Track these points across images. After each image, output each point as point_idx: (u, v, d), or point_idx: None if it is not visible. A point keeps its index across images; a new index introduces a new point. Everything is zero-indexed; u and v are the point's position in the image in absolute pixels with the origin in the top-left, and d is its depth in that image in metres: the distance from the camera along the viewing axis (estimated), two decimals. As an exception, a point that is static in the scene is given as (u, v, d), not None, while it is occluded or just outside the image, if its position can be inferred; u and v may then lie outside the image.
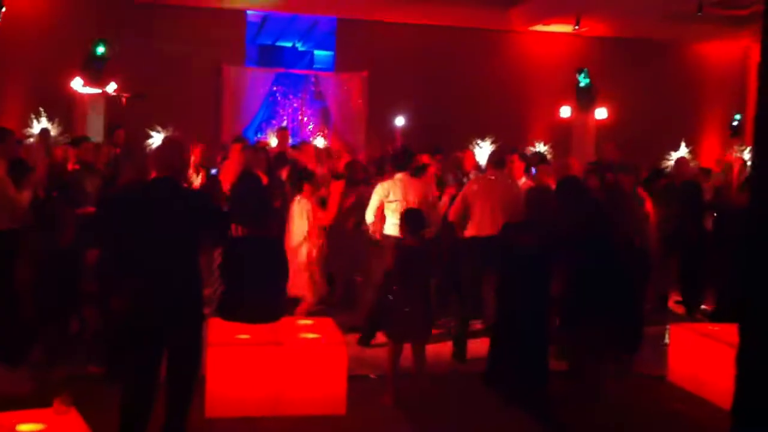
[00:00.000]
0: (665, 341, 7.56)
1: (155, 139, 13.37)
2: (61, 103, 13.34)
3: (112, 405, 4.75)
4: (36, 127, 13.33)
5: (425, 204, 7.43)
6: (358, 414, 5.85)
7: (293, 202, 7.90)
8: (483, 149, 14.66)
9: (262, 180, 8.21)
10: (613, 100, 14.96)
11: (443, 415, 6.05)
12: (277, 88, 16.04)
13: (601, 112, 14.49)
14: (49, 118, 13.60)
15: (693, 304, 9.48)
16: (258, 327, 6.13)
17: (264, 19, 16.81)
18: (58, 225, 6.91)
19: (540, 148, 15.03)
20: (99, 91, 12.80)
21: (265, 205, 6.91)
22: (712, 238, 8.95)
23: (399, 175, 7.67)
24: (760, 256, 3.05)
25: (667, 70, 16.84)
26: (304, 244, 7.68)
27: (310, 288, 7.73)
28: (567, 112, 14.72)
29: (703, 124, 17.34)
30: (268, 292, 6.36)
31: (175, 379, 4.83)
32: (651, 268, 8.52)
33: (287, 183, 8.47)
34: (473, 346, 7.53)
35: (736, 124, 17.02)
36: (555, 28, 15.99)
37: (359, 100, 15.73)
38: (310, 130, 16.20)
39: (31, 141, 12.58)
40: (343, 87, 15.82)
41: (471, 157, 10.05)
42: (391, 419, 5.90)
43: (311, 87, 16.27)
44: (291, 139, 14.17)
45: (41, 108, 13.67)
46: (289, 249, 7.70)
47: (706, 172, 10.53)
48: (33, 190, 7.62)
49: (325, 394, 5.81)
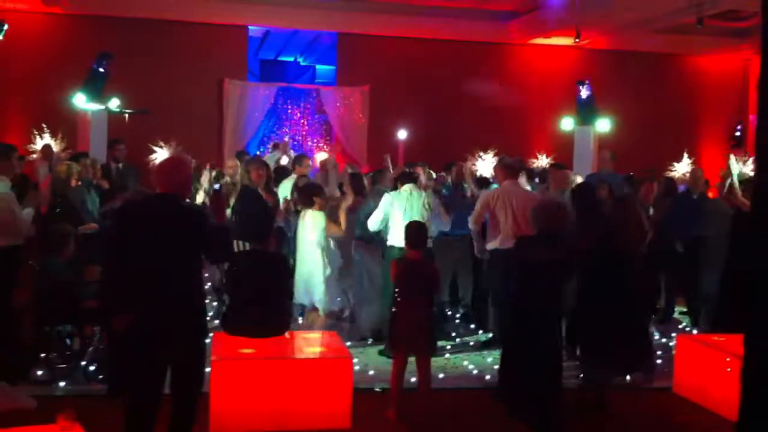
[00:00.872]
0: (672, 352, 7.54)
1: (158, 154, 13.39)
2: (64, 119, 13.37)
3: (115, 422, 4.73)
4: (39, 143, 13.35)
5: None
6: (363, 428, 5.83)
7: (302, 215, 7.93)
8: (485, 162, 14.67)
9: (263, 195, 8.23)
10: (615, 112, 14.97)
11: (448, 430, 6.03)
12: (279, 103, 16.07)
13: (602, 124, 14.50)
14: (51, 134, 13.63)
15: (698, 315, 9.45)
16: (262, 341, 6.12)
17: (266, 34, 16.88)
18: (60, 242, 6.91)
19: (542, 161, 15.04)
20: (101, 107, 12.82)
21: (265, 219, 6.92)
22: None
23: (406, 187, 7.74)
24: (763, 267, 3.05)
25: (668, 82, 16.87)
26: (321, 255, 7.70)
27: (325, 297, 7.75)
28: (568, 124, 14.73)
29: (704, 136, 17.35)
30: (271, 306, 6.36)
31: (178, 394, 4.81)
32: (655, 280, 8.53)
33: (295, 197, 8.47)
34: (478, 360, 7.52)
35: (737, 134, 17.04)
36: (555, 41, 16.04)
37: (360, 114, 15.77)
38: (313, 144, 16.22)
39: (33, 157, 12.61)
40: (344, 101, 15.86)
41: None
42: (396, 433, 5.89)
43: (313, 101, 16.30)
44: (291, 153, 14.21)
45: (44, 124, 13.70)
46: (300, 260, 7.73)
47: (705, 184, 10.53)
48: (35, 207, 7.64)
49: (330, 408, 5.79)
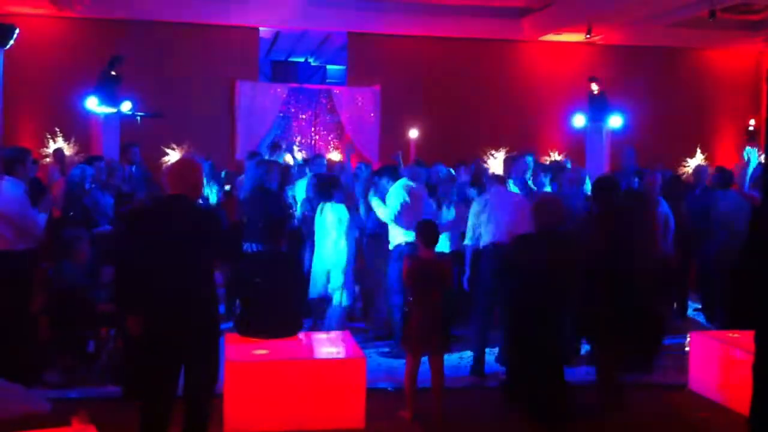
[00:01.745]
0: (685, 349, 7.50)
1: (170, 156, 13.43)
2: (77, 123, 13.43)
3: (130, 424, 4.75)
4: (51, 146, 13.42)
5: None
6: (377, 428, 5.83)
7: (320, 210, 7.94)
8: (497, 160, 14.63)
9: (275, 195, 8.24)
10: (627, 108, 14.90)
11: (462, 429, 6.02)
12: (290, 104, 16.09)
13: (614, 121, 14.43)
14: (64, 138, 13.69)
15: (712, 312, 9.40)
16: (275, 342, 6.14)
17: (276, 35, 16.89)
18: (74, 246, 6.95)
19: (555, 158, 14.98)
20: (114, 110, 12.87)
21: (277, 220, 6.93)
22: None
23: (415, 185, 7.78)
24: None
25: (680, 76, 16.77)
26: (343, 248, 7.72)
27: (344, 290, 7.76)
28: (580, 121, 14.67)
29: (717, 130, 17.24)
30: (283, 307, 6.37)
31: (192, 397, 4.83)
32: (671, 276, 8.47)
33: (314, 192, 8.47)
34: (491, 358, 7.50)
35: (751, 129, 16.92)
36: (566, 37, 15.97)
37: (372, 114, 15.76)
38: (324, 144, 16.23)
39: (47, 161, 12.67)
40: (355, 101, 15.84)
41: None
42: (410, 433, 5.88)
43: (324, 101, 16.30)
44: (304, 153, 14.23)
45: (57, 128, 13.77)
46: (319, 255, 7.76)
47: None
48: (49, 210, 7.68)
49: (344, 408, 5.80)
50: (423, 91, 15.58)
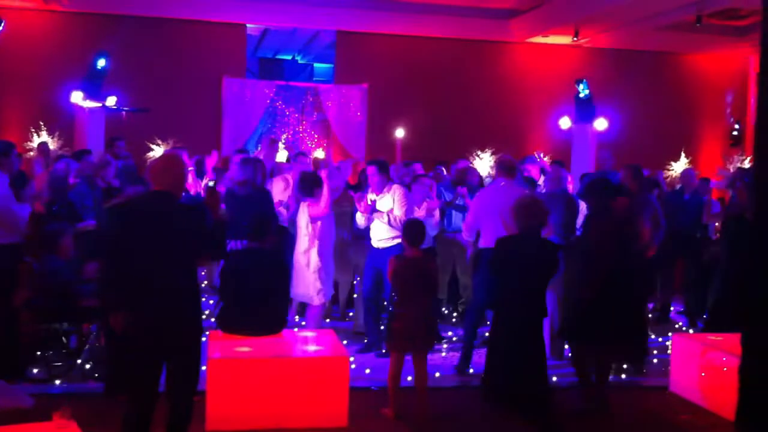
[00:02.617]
0: (668, 352, 7.55)
1: (156, 152, 13.38)
2: (62, 117, 13.36)
3: (112, 420, 4.73)
4: (36, 140, 13.34)
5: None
6: (360, 426, 5.83)
7: (302, 207, 7.89)
8: (483, 160, 14.66)
9: (261, 192, 8.21)
10: (613, 110, 14.96)
11: (445, 428, 6.03)
12: (277, 101, 16.06)
13: (600, 123, 14.50)
14: (49, 132, 13.62)
15: (695, 315, 9.47)
16: (259, 340, 6.13)
17: (264, 32, 16.86)
18: (57, 240, 6.90)
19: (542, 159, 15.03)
20: (99, 104, 12.81)
21: (262, 217, 6.90)
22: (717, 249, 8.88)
23: (395, 186, 7.76)
24: (762, 266, 3.05)
25: (666, 80, 16.85)
26: (312, 250, 7.65)
27: (316, 293, 7.70)
28: (566, 123, 14.72)
29: (702, 134, 17.34)
30: (267, 305, 6.36)
31: (175, 393, 4.81)
32: (654, 278, 8.52)
33: (297, 191, 8.43)
34: (478, 358, 7.52)
35: (736, 133, 17.03)
36: (554, 39, 16.02)
37: (359, 112, 15.75)
38: (311, 142, 16.21)
39: (31, 154, 12.59)
40: (342, 99, 15.83)
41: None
42: (393, 431, 5.88)
43: (311, 99, 16.28)
44: (288, 151, 14.19)
45: (41, 122, 13.69)
46: (297, 254, 7.71)
47: (705, 181, 10.52)
48: (32, 204, 7.62)
49: (327, 406, 5.79)
50: (410, 90, 15.59)
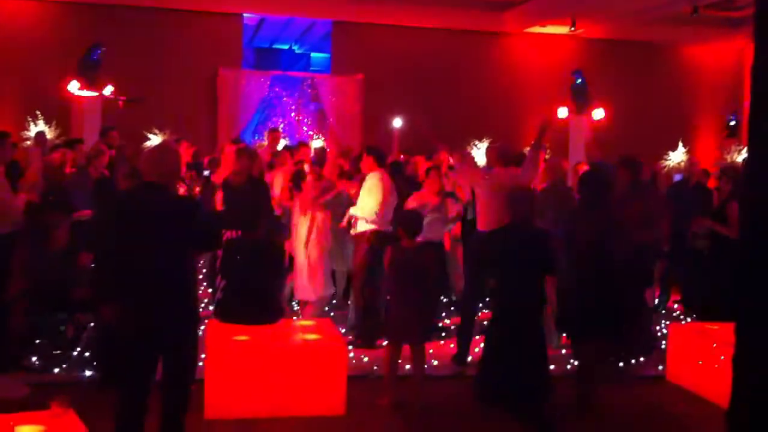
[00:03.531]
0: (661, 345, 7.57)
1: (152, 141, 13.36)
2: (58, 107, 13.32)
3: (108, 409, 4.73)
4: (32, 130, 13.30)
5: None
6: (357, 415, 5.84)
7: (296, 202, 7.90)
8: (480, 150, 14.66)
9: (260, 184, 8.21)
10: (609, 101, 14.97)
11: (441, 417, 6.04)
12: (274, 91, 16.02)
13: (597, 114, 14.50)
14: (45, 121, 13.58)
15: (693, 305, 9.47)
16: (257, 328, 6.13)
17: (260, 22, 16.81)
18: (52, 230, 6.88)
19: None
20: (95, 94, 12.77)
21: (257, 207, 6.90)
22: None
23: (372, 175, 7.68)
24: (755, 258, 3.06)
25: (662, 71, 16.86)
26: (307, 245, 7.66)
27: (312, 289, 7.71)
28: (563, 113, 14.72)
29: (699, 126, 17.36)
30: (264, 295, 6.36)
31: (170, 383, 4.80)
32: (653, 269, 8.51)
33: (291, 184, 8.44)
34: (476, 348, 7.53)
35: (732, 124, 17.05)
36: (550, 30, 16.01)
37: (355, 103, 15.73)
38: (307, 132, 16.19)
39: (27, 143, 12.56)
40: (339, 89, 15.81)
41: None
42: (390, 420, 5.90)
43: (307, 89, 16.25)
44: (287, 140, 14.18)
45: (38, 111, 13.65)
46: (295, 250, 7.71)
47: (705, 173, 10.50)
48: (27, 194, 7.60)
49: (325, 395, 5.80)
50: (406, 81, 15.57)
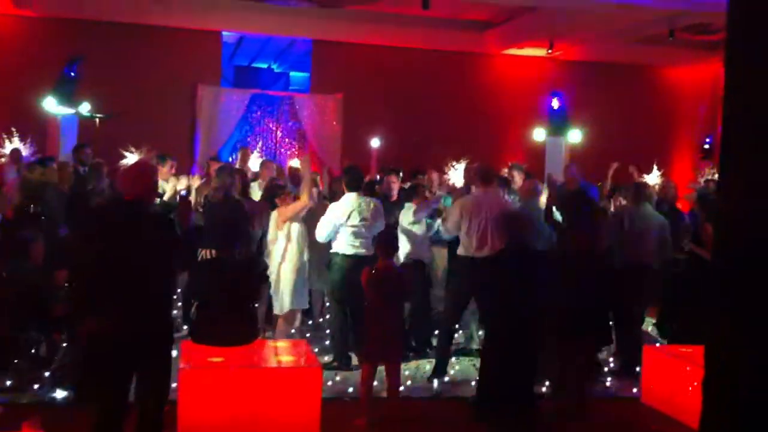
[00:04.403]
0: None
1: (129, 159, 13.27)
2: (34, 123, 13.20)
3: (82, 430, 4.68)
4: (8, 146, 13.18)
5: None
6: (333, 437, 5.82)
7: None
8: (458, 171, 14.69)
9: (235, 201, 8.19)
10: (586, 123, 15.09)
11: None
12: (253, 109, 16.01)
13: (574, 135, 14.61)
14: (21, 138, 13.46)
15: (668, 327, 9.52)
16: (231, 350, 6.09)
17: (240, 40, 16.82)
18: (28, 246, 6.82)
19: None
20: (72, 111, 12.70)
21: (234, 227, 6.88)
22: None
23: (352, 195, 7.69)
24: (725, 279, 3.09)
25: (639, 93, 17.02)
26: (285, 261, 7.63)
27: (281, 303, 7.67)
28: (540, 134, 14.82)
29: (674, 147, 17.53)
30: (239, 314, 6.33)
31: (145, 403, 4.77)
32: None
33: (264, 200, 8.42)
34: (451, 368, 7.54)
35: (707, 147, 17.22)
36: (529, 51, 16.13)
37: (334, 122, 15.75)
38: (287, 151, 16.18)
39: (2, 160, 12.45)
40: (318, 108, 15.83)
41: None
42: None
43: (287, 108, 16.26)
44: (263, 158, 14.14)
45: (13, 128, 13.53)
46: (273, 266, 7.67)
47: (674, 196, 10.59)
48: (2, 211, 7.55)
49: (300, 417, 5.77)
50: (386, 100, 15.61)
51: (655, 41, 14.66)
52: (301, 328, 8.57)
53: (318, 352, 7.80)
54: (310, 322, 9.15)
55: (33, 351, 6.84)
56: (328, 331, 8.74)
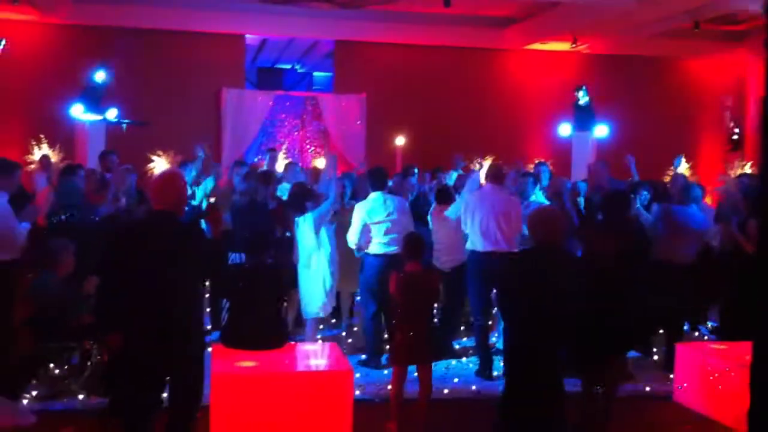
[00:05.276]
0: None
1: (156, 164, 13.37)
2: (62, 130, 13.34)
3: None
4: (37, 153, 13.32)
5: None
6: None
7: (297, 224, 7.87)
8: (484, 168, 14.64)
9: (262, 206, 8.23)
10: (612, 117, 14.98)
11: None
12: (277, 111, 16.06)
13: (600, 130, 14.50)
14: (49, 145, 13.60)
15: (698, 321, 9.45)
16: (263, 354, 6.11)
17: (263, 42, 16.88)
18: (58, 256, 6.88)
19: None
20: (99, 117, 12.81)
21: (261, 232, 6.91)
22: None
23: (377, 193, 7.78)
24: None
25: (664, 86, 16.87)
26: (312, 262, 7.64)
27: (318, 309, 7.70)
28: (566, 129, 14.74)
29: (701, 139, 17.35)
30: (268, 319, 6.35)
31: (176, 411, 4.81)
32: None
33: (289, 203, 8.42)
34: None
35: (735, 138, 17.02)
36: (552, 46, 16.04)
37: (358, 121, 15.76)
38: (310, 152, 16.21)
39: (32, 167, 12.58)
40: (341, 108, 15.85)
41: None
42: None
43: (310, 108, 16.29)
44: (289, 160, 14.18)
45: (42, 135, 13.68)
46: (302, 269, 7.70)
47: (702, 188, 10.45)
48: (33, 220, 7.62)
49: (332, 420, 5.78)
50: (409, 99, 15.60)
51: (680, 33, 14.52)
52: (330, 330, 8.59)
53: (347, 350, 7.85)
54: (336, 321, 9.19)
55: (65, 359, 6.90)
56: (356, 329, 8.79)
